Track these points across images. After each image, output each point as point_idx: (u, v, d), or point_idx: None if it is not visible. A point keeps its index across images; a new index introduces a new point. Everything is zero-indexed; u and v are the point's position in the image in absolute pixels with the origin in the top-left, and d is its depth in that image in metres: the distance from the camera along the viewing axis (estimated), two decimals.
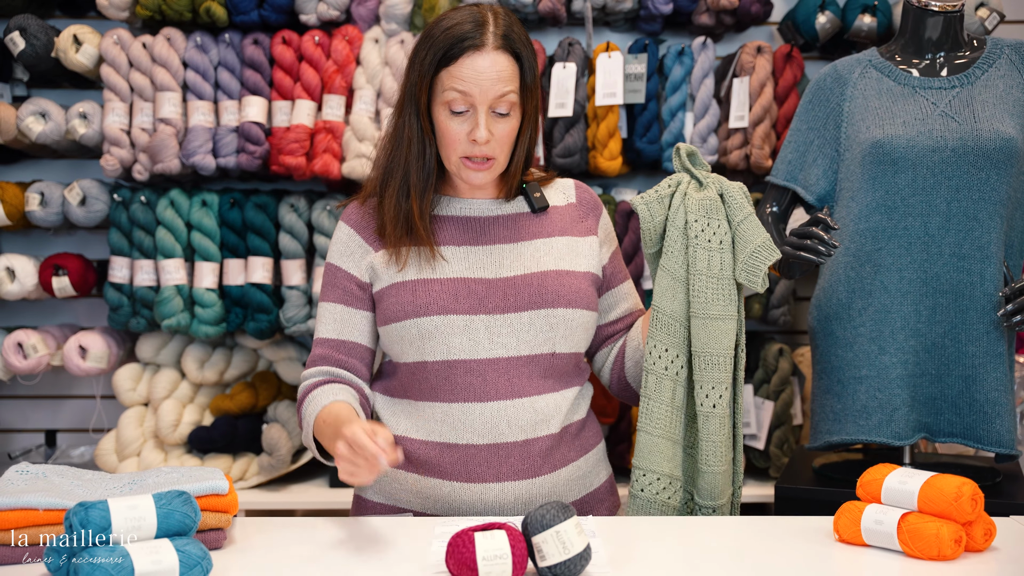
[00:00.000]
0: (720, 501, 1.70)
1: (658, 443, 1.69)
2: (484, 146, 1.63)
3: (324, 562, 1.42)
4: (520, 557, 1.29)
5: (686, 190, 1.69)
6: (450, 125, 1.63)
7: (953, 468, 2.20)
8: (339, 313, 1.72)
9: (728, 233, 1.67)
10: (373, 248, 1.71)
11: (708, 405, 1.67)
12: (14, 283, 2.79)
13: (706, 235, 1.66)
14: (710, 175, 1.71)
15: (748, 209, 1.67)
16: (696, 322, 1.66)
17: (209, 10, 2.70)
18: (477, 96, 1.60)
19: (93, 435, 3.04)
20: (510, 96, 1.62)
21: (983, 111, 2.06)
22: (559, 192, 1.79)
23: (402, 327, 1.64)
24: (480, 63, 1.59)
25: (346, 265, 1.72)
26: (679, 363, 1.68)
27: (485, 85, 1.59)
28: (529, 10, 2.77)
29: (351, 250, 1.72)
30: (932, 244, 2.06)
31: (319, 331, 1.74)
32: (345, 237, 1.73)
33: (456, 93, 1.60)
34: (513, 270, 1.68)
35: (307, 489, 2.76)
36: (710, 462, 1.68)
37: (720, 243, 1.66)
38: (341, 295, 1.72)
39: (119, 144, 2.72)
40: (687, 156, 1.72)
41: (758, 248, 1.65)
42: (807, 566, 1.41)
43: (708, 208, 1.66)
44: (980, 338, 2.06)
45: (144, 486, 1.48)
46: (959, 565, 1.39)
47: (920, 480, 1.44)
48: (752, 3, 2.75)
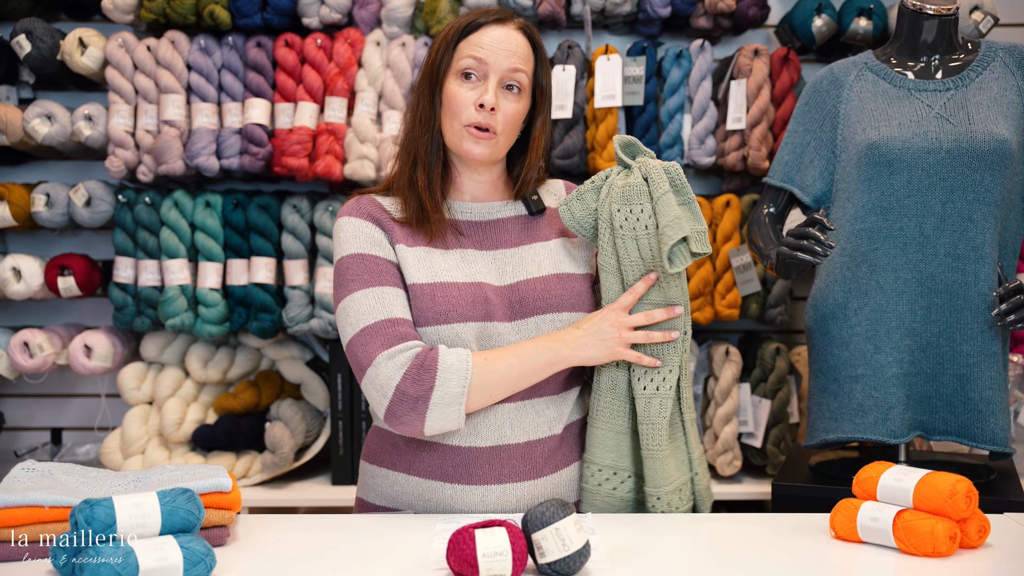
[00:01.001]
0: (665, 488, 1.65)
1: (601, 434, 1.67)
2: (489, 115, 1.63)
3: (326, 559, 1.42)
4: (520, 554, 1.29)
5: (613, 182, 1.64)
6: (459, 91, 1.64)
7: (948, 466, 2.21)
8: (400, 296, 1.61)
9: (652, 216, 1.59)
10: (392, 238, 1.66)
11: (652, 388, 1.64)
12: (20, 283, 2.79)
13: (630, 223, 1.60)
14: (639, 160, 1.63)
15: (664, 187, 1.58)
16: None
17: (213, 13, 2.70)
18: (491, 64, 1.63)
19: (98, 433, 3.05)
20: (521, 75, 1.65)
21: (977, 113, 2.06)
22: (551, 194, 1.80)
23: (421, 333, 1.61)
24: (499, 33, 1.64)
25: (374, 251, 1.63)
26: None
27: (500, 55, 1.63)
28: (529, 13, 2.77)
29: (375, 239, 1.64)
30: (927, 244, 2.06)
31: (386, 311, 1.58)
32: (362, 227, 1.65)
33: (472, 60, 1.63)
34: (517, 276, 1.67)
35: (309, 487, 2.76)
36: (650, 447, 1.64)
37: (645, 228, 1.59)
38: (391, 279, 1.62)
39: (124, 146, 2.73)
40: (622, 148, 1.66)
41: (664, 228, 1.56)
42: (804, 563, 1.41)
43: (628, 194, 1.60)
44: (974, 337, 2.06)
45: (148, 484, 1.48)
46: (954, 562, 1.39)
47: (915, 478, 1.44)
48: (749, 6, 2.75)
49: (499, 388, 1.58)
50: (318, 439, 2.80)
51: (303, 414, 2.77)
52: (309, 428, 2.78)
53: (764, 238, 2.23)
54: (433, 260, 1.64)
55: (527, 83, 1.67)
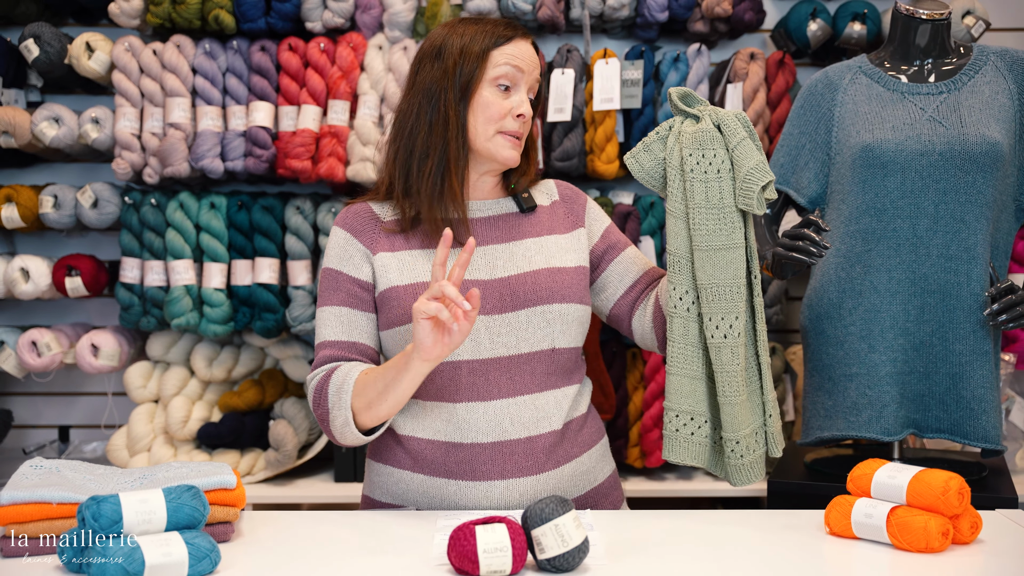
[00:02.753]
0: (743, 431, 1.63)
1: (679, 381, 1.65)
2: (523, 124, 1.69)
3: (329, 554, 1.42)
4: (520, 550, 1.29)
5: (680, 129, 1.63)
6: (496, 99, 1.67)
7: (940, 463, 2.21)
8: (344, 315, 1.67)
9: (726, 161, 1.58)
10: (371, 251, 1.68)
11: (719, 336, 1.61)
12: (28, 283, 2.79)
13: (701, 167, 1.59)
14: (706, 108, 1.63)
15: (742, 134, 1.58)
16: (699, 255, 1.60)
17: (218, 18, 2.70)
18: (527, 72, 1.69)
19: (105, 431, 3.05)
20: (537, 85, 1.74)
21: (969, 116, 2.06)
22: (543, 193, 1.81)
23: (406, 331, 1.63)
24: (525, 48, 1.70)
25: (347, 268, 1.68)
26: (688, 299, 1.63)
27: (531, 66, 1.70)
28: (529, 17, 2.77)
29: (350, 254, 1.69)
30: (920, 245, 2.06)
31: (323, 335, 1.67)
32: (343, 241, 1.70)
33: (511, 68, 1.67)
34: (507, 270, 1.67)
35: (313, 483, 2.76)
36: (727, 393, 1.62)
37: (717, 172, 1.58)
38: (345, 298, 1.67)
39: (130, 148, 2.73)
40: (680, 98, 1.66)
41: (751, 171, 1.56)
42: (799, 559, 1.41)
43: (701, 140, 1.59)
44: (967, 337, 2.06)
45: (154, 481, 1.48)
46: (946, 557, 1.39)
47: (909, 475, 1.44)
48: (745, 11, 2.75)
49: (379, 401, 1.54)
50: (321, 437, 2.80)
51: (306, 412, 2.77)
52: (312, 426, 2.78)
53: (760, 239, 2.23)
54: (416, 261, 1.66)
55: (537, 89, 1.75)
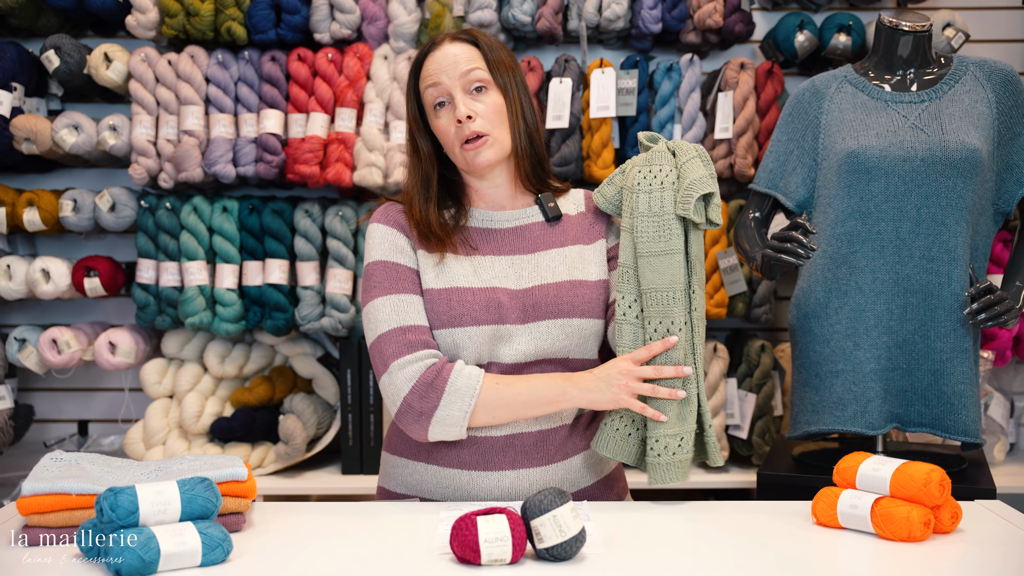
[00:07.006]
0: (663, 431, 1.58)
1: None
2: (471, 123, 1.63)
3: (336, 544, 1.42)
4: (519, 539, 1.29)
5: (636, 158, 1.67)
6: (440, 122, 1.66)
7: (922, 456, 2.21)
8: (416, 303, 1.63)
9: (671, 174, 1.60)
10: (414, 246, 1.67)
11: (657, 338, 1.60)
12: (49, 284, 2.79)
13: (647, 180, 1.61)
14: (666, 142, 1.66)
15: (693, 154, 1.60)
16: (641, 262, 1.60)
17: (230, 29, 2.70)
18: (446, 81, 1.64)
19: (122, 425, 3.05)
20: (477, 72, 1.65)
21: (950, 124, 2.06)
22: (571, 203, 1.78)
23: (437, 335, 1.62)
24: (439, 53, 1.66)
25: (402, 260, 1.65)
26: (637, 307, 1.62)
27: (449, 70, 1.64)
28: (527, 29, 2.77)
29: (400, 246, 1.66)
30: (903, 247, 2.06)
31: (404, 319, 1.60)
32: (389, 235, 1.67)
33: (431, 88, 1.65)
34: (531, 280, 1.66)
35: (321, 476, 2.76)
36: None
37: (661, 184, 1.60)
38: (410, 286, 1.63)
39: (146, 154, 2.73)
40: (647, 139, 1.69)
41: (693, 181, 1.57)
42: (787, 548, 1.41)
43: (651, 158, 1.62)
44: (947, 335, 2.06)
45: (169, 473, 1.48)
46: (928, 546, 1.40)
47: (892, 467, 1.44)
48: (736, 23, 2.75)
49: (502, 412, 1.58)
50: (329, 431, 2.80)
51: (315, 407, 2.77)
52: (320, 420, 2.78)
53: (750, 241, 2.24)
54: (448, 266, 1.65)
55: (488, 77, 1.66)
